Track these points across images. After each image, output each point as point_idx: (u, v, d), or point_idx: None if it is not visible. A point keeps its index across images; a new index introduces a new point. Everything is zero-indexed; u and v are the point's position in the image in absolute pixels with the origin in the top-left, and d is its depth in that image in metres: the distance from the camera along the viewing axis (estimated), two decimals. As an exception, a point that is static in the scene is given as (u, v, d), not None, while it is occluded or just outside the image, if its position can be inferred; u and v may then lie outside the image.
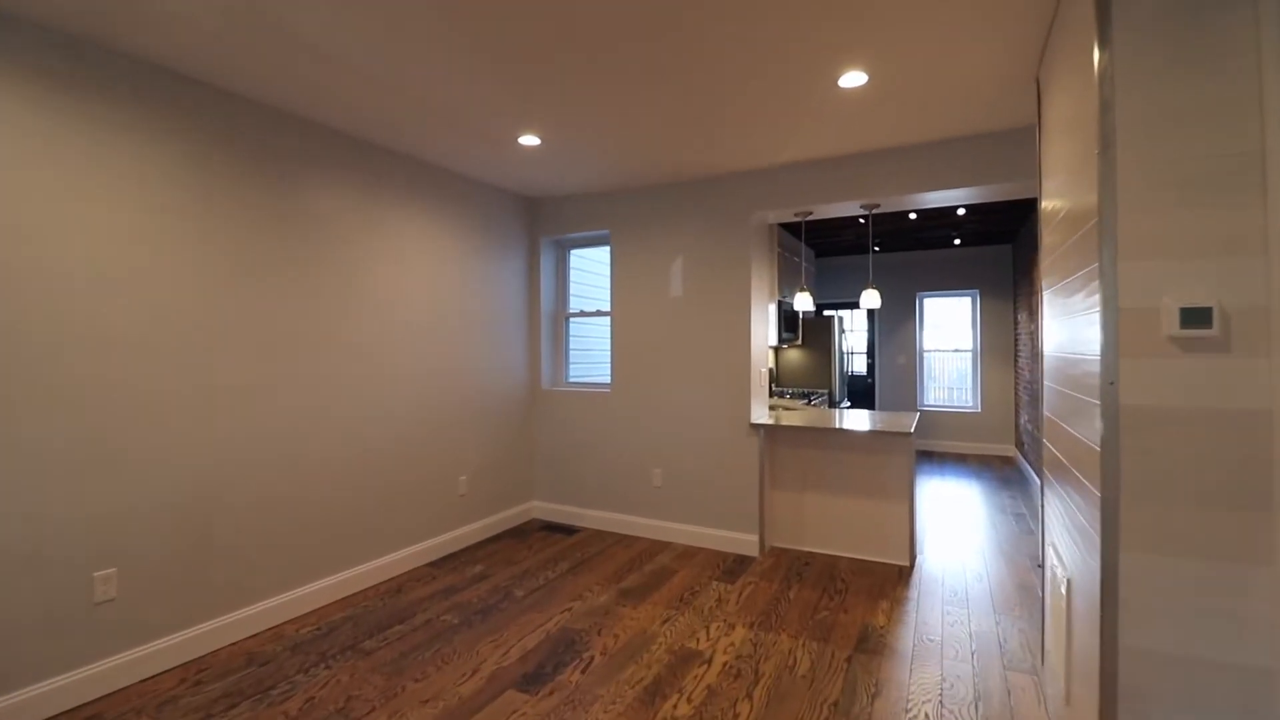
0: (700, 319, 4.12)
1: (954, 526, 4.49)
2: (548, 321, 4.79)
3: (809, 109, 2.91)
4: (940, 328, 7.84)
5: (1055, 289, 2.05)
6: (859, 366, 8.23)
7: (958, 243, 7.29)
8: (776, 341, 5.23)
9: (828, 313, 7.18)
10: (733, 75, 2.56)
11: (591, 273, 5.30)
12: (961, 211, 5.62)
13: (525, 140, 3.33)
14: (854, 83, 2.61)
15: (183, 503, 2.55)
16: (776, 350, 6.40)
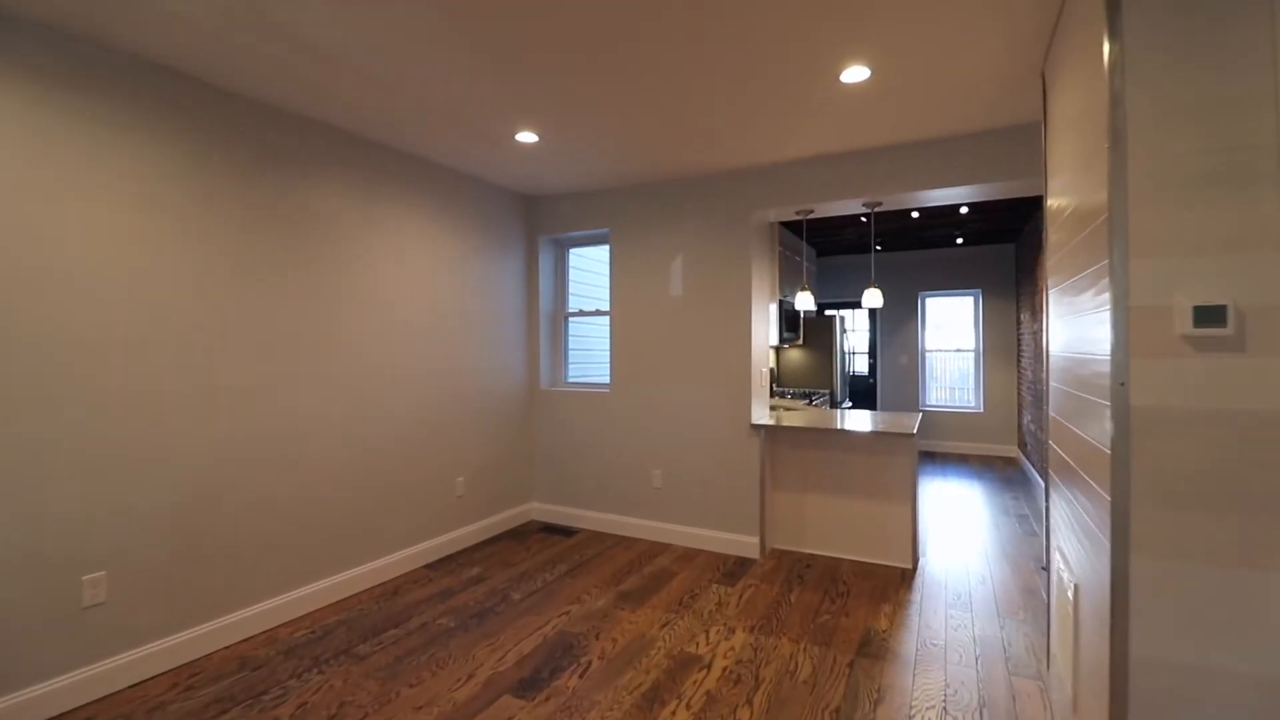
0: (700, 318, 4.07)
1: (957, 528, 4.45)
2: (547, 321, 4.75)
3: (810, 105, 2.87)
4: (942, 327, 7.80)
5: (1062, 287, 2.01)
6: (861, 366, 8.19)
7: (960, 242, 7.24)
8: (777, 341, 5.19)
9: (829, 312, 7.12)
10: (733, 71, 2.52)
11: (591, 272, 5.26)
12: (964, 210, 5.58)
13: (523, 137, 3.29)
14: (856, 78, 2.57)
15: (176, 504, 2.52)
16: (777, 350, 6.36)
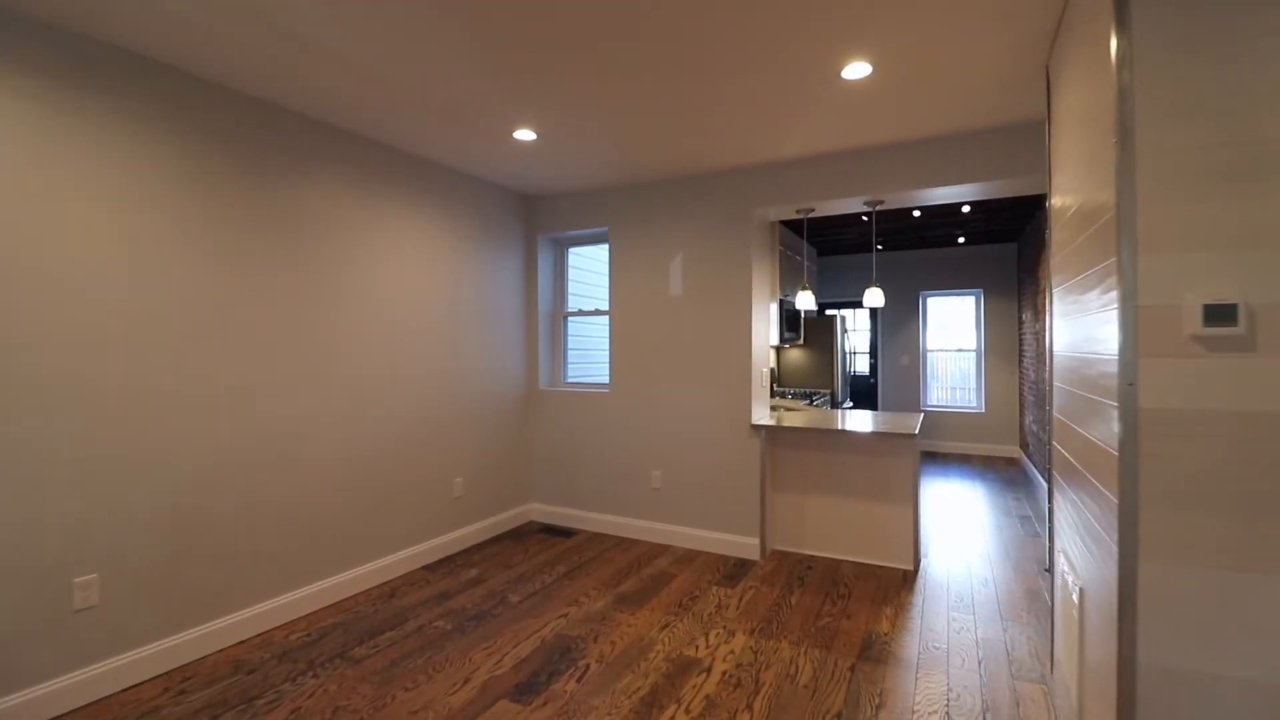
0: (700, 318, 4.04)
1: (958, 529, 4.41)
2: (545, 321, 4.72)
3: (811, 102, 2.84)
4: (944, 327, 7.76)
5: (1066, 286, 1.98)
6: (862, 366, 8.15)
7: (961, 241, 7.21)
8: (778, 341, 5.16)
9: (830, 312, 7.09)
10: (732, 67, 2.49)
11: (590, 271, 5.22)
12: (966, 209, 5.54)
13: (521, 135, 3.26)
14: (858, 74, 2.54)
15: (170, 505, 2.49)
16: (778, 350, 6.32)
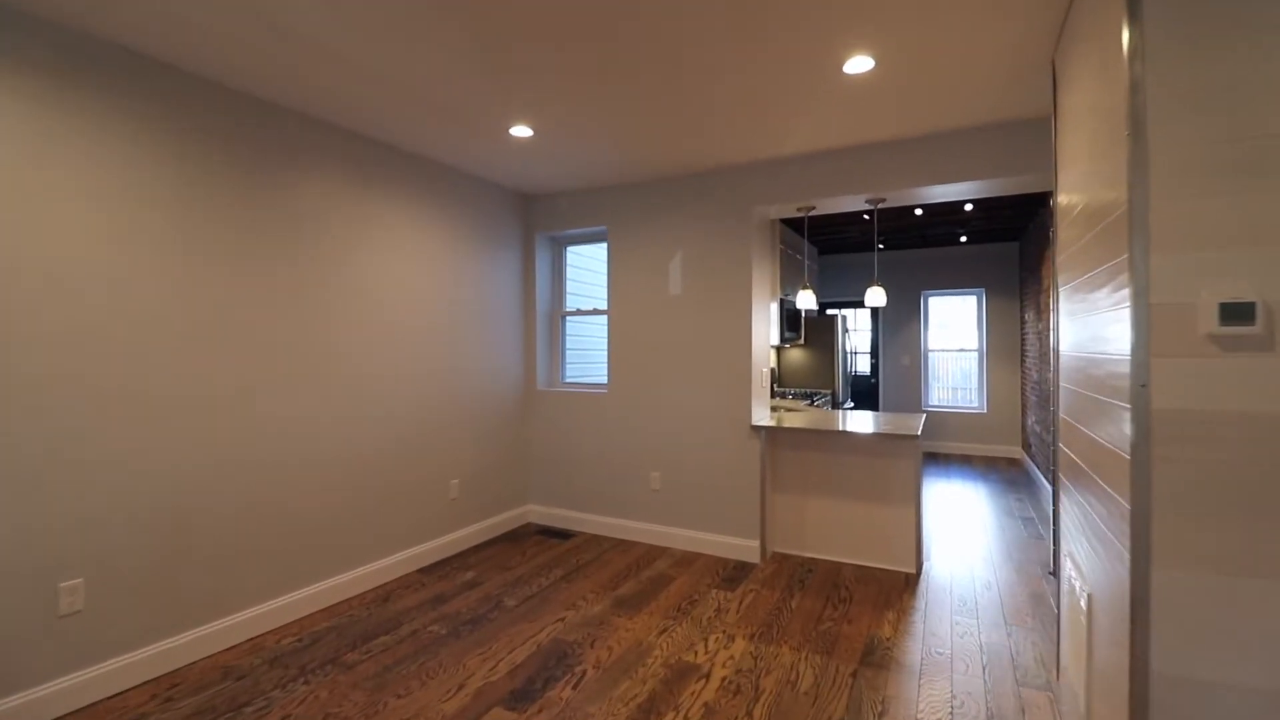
0: (700, 318, 3.99)
1: (961, 531, 4.37)
2: (543, 320, 4.67)
3: (813, 98, 2.79)
4: (945, 327, 7.72)
5: (1074, 285, 1.94)
6: (863, 366, 8.10)
7: (963, 240, 7.16)
8: (778, 341, 5.12)
9: (831, 311, 7.04)
10: (732, 61, 2.44)
11: (588, 270, 5.18)
12: (968, 208, 5.49)
13: (517, 131, 3.21)
14: (860, 69, 2.49)
15: (159, 507, 2.44)
16: (778, 350, 6.28)
